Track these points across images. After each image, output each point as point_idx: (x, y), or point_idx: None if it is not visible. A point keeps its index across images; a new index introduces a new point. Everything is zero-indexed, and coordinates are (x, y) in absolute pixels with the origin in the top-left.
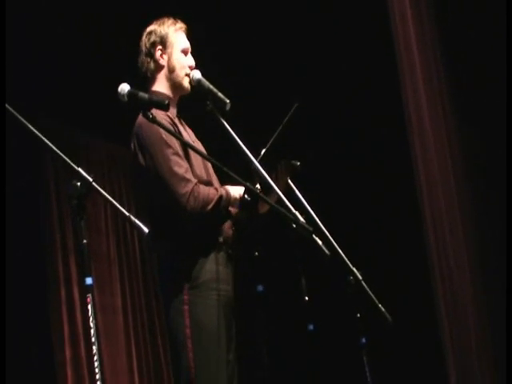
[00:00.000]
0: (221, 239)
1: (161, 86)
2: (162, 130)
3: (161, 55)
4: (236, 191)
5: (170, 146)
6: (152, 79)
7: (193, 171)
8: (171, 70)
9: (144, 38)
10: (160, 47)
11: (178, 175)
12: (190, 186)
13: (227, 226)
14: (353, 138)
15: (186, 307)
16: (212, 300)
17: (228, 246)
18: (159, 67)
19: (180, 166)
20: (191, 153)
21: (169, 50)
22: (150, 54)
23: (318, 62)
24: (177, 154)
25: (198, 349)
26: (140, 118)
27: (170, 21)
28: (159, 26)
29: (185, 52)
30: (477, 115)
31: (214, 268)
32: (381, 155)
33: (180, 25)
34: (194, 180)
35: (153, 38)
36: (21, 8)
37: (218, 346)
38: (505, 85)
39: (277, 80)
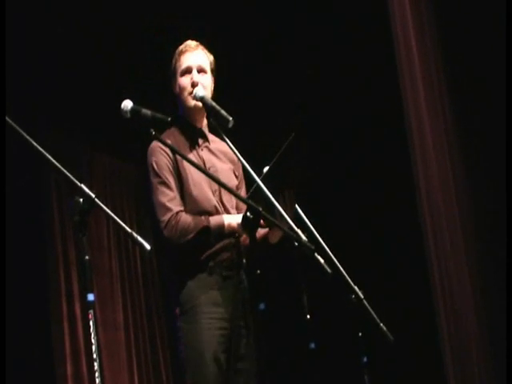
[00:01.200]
0: (211, 263)
1: (182, 111)
2: (153, 159)
3: (172, 86)
4: (235, 219)
5: (157, 176)
6: (177, 107)
7: (186, 196)
8: (178, 97)
9: None
10: (173, 80)
11: (160, 203)
12: (168, 215)
13: (222, 249)
14: (352, 146)
15: (181, 334)
16: (200, 324)
17: (222, 269)
18: (176, 96)
19: (164, 195)
20: (193, 179)
21: (174, 79)
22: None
23: (316, 66)
24: (163, 183)
25: (190, 372)
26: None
27: (180, 46)
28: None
29: (187, 71)
30: (476, 116)
31: (201, 293)
32: (380, 163)
33: (184, 47)
34: (176, 209)
35: (170, 69)
36: (23, 24)
37: (207, 370)
38: (504, 85)
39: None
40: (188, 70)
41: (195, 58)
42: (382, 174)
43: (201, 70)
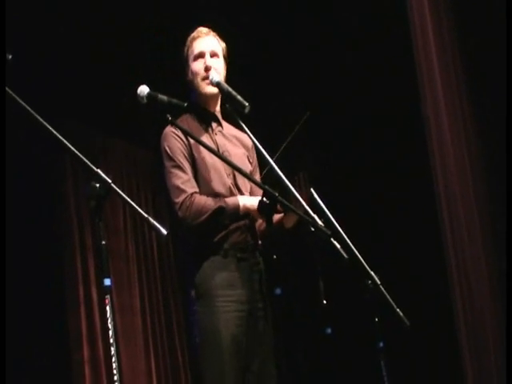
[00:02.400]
0: (226, 245)
1: (196, 97)
2: (166, 144)
3: (185, 72)
4: (250, 201)
5: (171, 159)
6: (191, 93)
7: (201, 180)
8: (192, 83)
9: None
10: (185, 67)
11: (174, 185)
12: (182, 196)
13: (237, 230)
14: (370, 138)
15: (197, 317)
16: (216, 307)
17: (237, 251)
18: (189, 82)
19: (178, 178)
20: (204, 163)
21: (187, 65)
22: (184, 73)
23: (333, 64)
24: (177, 166)
25: (204, 356)
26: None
27: (191, 34)
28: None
29: (200, 56)
30: (494, 108)
31: (216, 275)
32: (398, 156)
33: (196, 33)
34: (190, 190)
35: (182, 56)
36: (41, 11)
37: (223, 353)
38: None
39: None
40: (201, 55)
41: (207, 42)
42: (400, 161)
43: (213, 55)
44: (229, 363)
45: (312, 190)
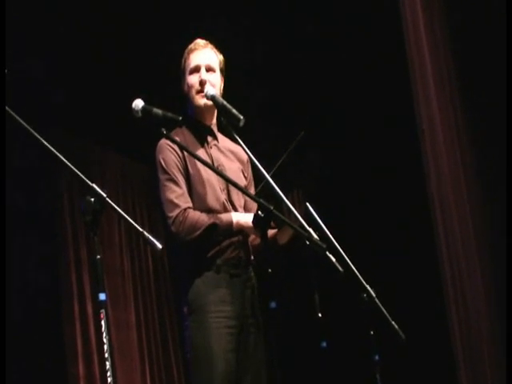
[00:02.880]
0: (219, 261)
1: (190, 110)
2: (161, 157)
3: (182, 84)
4: (245, 217)
5: (165, 173)
6: (186, 106)
7: (195, 194)
8: (187, 95)
9: None
10: (182, 79)
11: (168, 200)
12: (176, 211)
13: (229, 246)
14: (364, 148)
15: (188, 333)
16: (207, 323)
17: (230, 267)
18: (184, 95)
19: (172, 192)
20: (199, 176)
21: (183, 78)
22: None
23: (326, 67)
24: (171, 179)
25: (196, 372)
26: (160, 141)
27: (189, 45)
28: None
29: (195, 70)
30: (488, 112)
31: (211, 290)
32: (393, 170)
33: (193, 45)
34: (184, 205)
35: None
36: (33, 21)
37: (214, 370)
38: None
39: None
40: (196, 69)
41: (204, 56)
42: (393, 174)
43: (209, 69)
44: (219, 379)
45: (308, 204)
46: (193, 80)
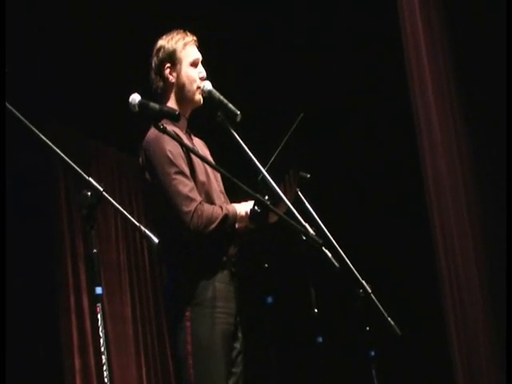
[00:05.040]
0: (224, 258)
1: (172, 102)
2: (167, 148)
3: (170, 73)
4: (243, 208)
5: (174, 165)
6: (163, 96)
7: (199, 187)
8: (181, 87)
9: (153, 54)
10: (168, 65)
11: (182, 194)
12: (193, 205)
13: (232, 244)
14: (361, 145)
15: (188, 324)
16: (215, 317)
17: (231, 264)
18: (169, 85)
19: (185, 185)
20: (200, 168)
21: (178, 67)
22: (160, 72)
23: (324, 64)
24: (181, 172)
25: (199, 365)
26: (149, 132)
27: (179, 35)
28: (168, 41)
29: (195, 64)
30: (485, 111)
31: (215, 286)
32: (390, 165)
33: (189, 38)
34: (199, 199)
35: (161, 55)
36: (34, 18)
37: (217, 363)
38: None
39: (283, 86)
40: (195, 63)
41: (198, 51)
42: (390, 170)
43: (201, 63)
44: (223, 371)
45: (304, 200)
46: (194, 74)
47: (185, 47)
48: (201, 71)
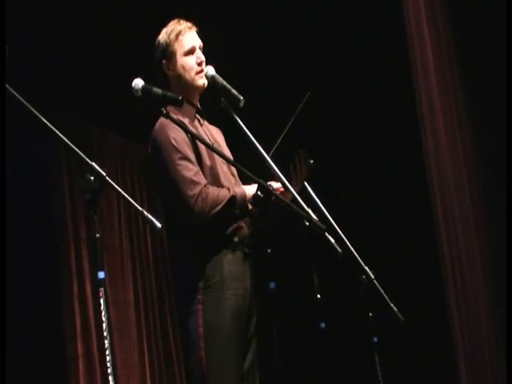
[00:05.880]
0: (236, 239)
1: (176, 92)
2: (171, 135)
3: (167, 67)
4: (254, 189)
5: (178, 151)
6: (166, 87)
7: (206, 171)
8: (179, 78)
9: (154, 50)
10: (164, 60)
11: (186, 178)
12: (198, 188)
13: (244, 225)
14: (364, 135)
15: (200, 306)
16: (225, 300)
17: (244, 245)
18: (169, 78)
19: (188, 170)
20: (207, 153)
21: (173, 60)
22: (159, 69)
23: (329, 61)
24: (185, 158)
25: (210, 348)
26: (157, 122)
27: (173, 26)
28: (163, 35)
29: (190, 52)
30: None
31: (228, 268)
32: (393, 152)
33: (182, 26)
34: (204, 182)
35: (158, 50)
36: (37, 5)
37: (229, 346)
38: None
39: (288, 75)
40: (191, 50)
41: (195, 36)
42: (394, 157)
43: (201, 49)
44: (235, 352)
45: (307, 184)
46: (190, 61)
47: (178, 38)
48: (198, 56)
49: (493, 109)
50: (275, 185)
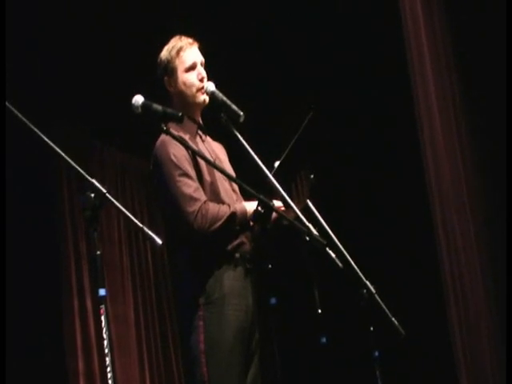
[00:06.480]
0: (237, 255)
1: (178, 108)
2: (171, 152)
3: (169, 84)
4: (254, 206)
5: (178, 167)
6: (170, 103)
7: (207, 187)
8: (181, 94)
9: (157, 65)
10: (166, 77)
11: (186, 195)
12: (197, 205)
13: (245, 241)
14: (363, 141)
15: (201, 323)
16: (227, 315)
17: (246, 261)
18: (171, 94)
19: (188, 186)
20: (207, 169)
21: (174, 77)
22: (162, 84)
23: (328, 65)
24: (185, 174)
25: (212, 364)
26: (159, 138)
27: (174, 43)
28: (164, 52)
29: (192, 68)
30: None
31: (228, 284)
32: (391, 160)
33: (183, 43)
34: (203, 198)
35: (160, 67)
36: (39, 20)
37: (231, 361)
38: None
39: (289, 88)
40: (193, 66)
41: (197, 53)
42: (393, 169)
43: (202, 65)
44: (237, 369)
45: (308, 200)
46: (192, 78)
47: (179, 54)
48: (200, 72)
49: (491, 109)
50: (277, 204)
